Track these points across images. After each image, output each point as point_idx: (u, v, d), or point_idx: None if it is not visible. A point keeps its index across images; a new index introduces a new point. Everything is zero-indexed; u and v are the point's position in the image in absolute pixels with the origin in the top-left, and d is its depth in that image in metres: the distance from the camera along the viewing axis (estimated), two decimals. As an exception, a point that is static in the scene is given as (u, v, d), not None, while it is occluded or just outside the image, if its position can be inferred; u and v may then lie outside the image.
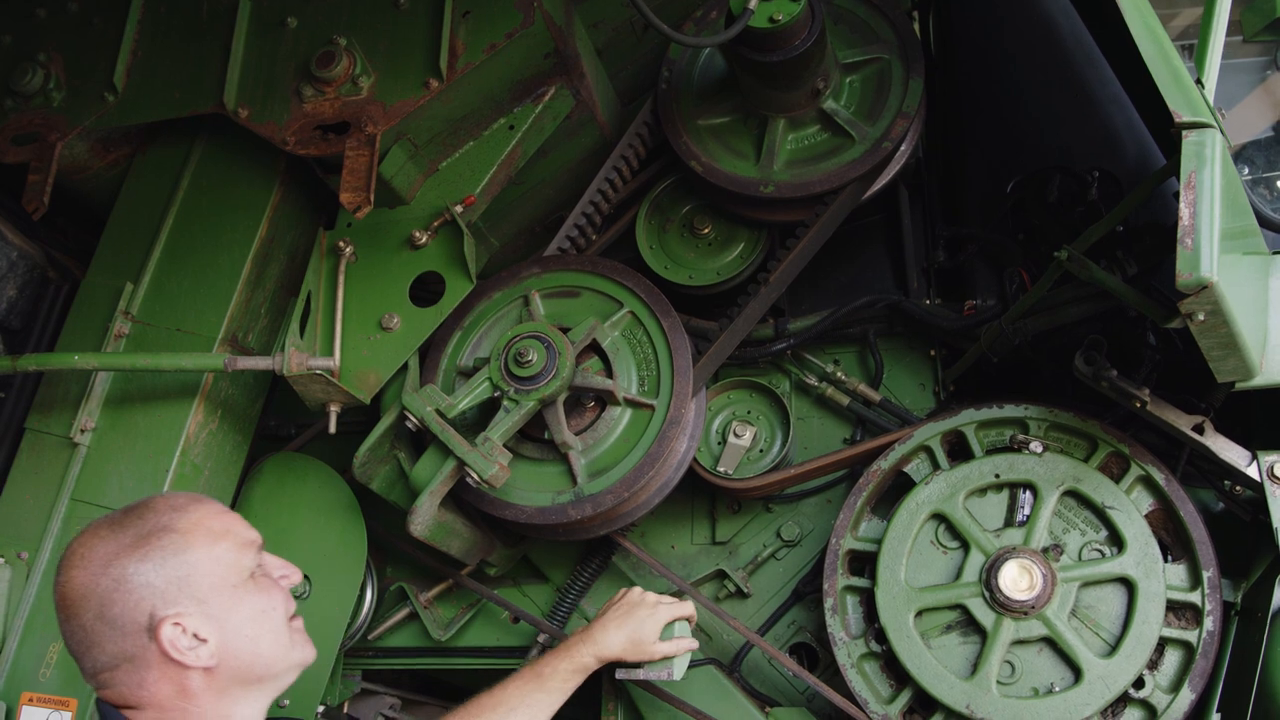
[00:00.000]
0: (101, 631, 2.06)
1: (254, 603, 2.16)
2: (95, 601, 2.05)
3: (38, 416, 3.50)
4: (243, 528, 2.24)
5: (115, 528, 2.12)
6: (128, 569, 2.06)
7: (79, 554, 2.10)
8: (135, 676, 2.09)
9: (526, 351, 3.01)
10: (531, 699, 2.89)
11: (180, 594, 2.07)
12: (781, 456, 3.42)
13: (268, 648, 2.17)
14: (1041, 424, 3.23)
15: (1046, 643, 3.04)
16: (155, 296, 3.48)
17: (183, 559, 2.09)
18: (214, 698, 2.13)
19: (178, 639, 2.06)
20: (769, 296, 3.35)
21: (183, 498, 2.22)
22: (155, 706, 2.10)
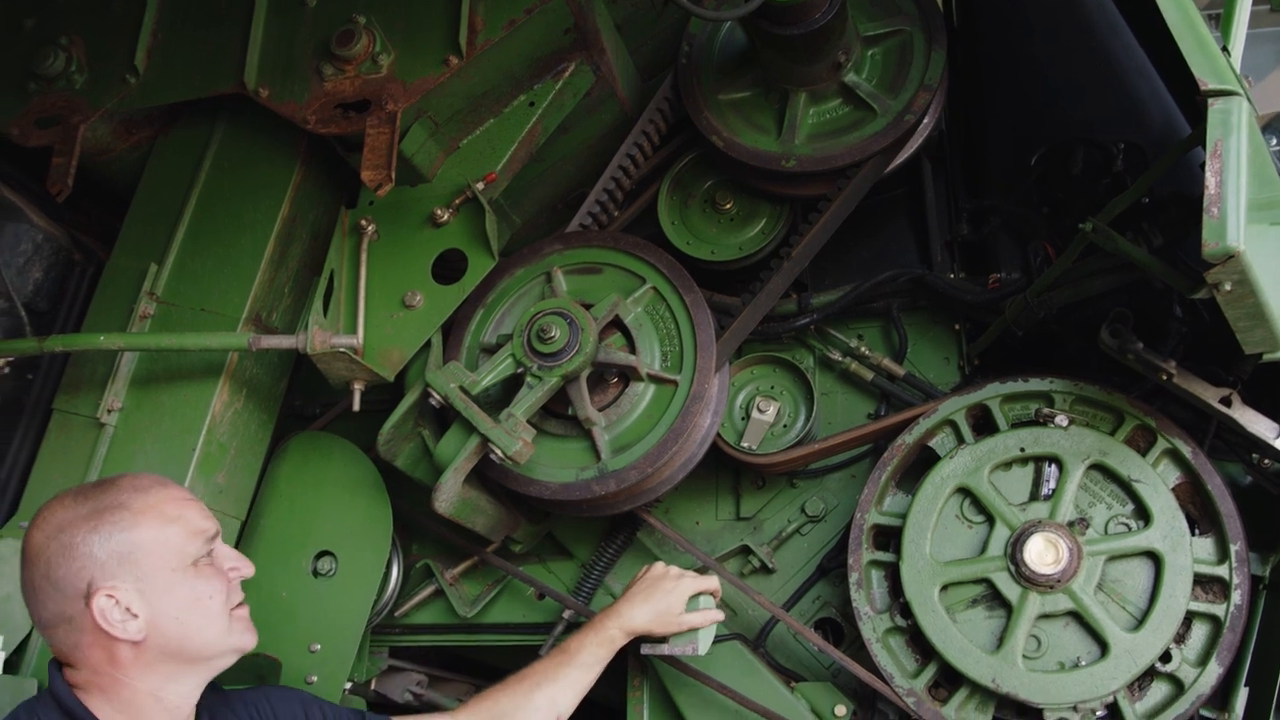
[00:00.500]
0: (46, 590, 2.23)
1: (192, 587, 2.30)
2: (44, 562, 2.23)
3: (65, 397, 3.52)
4: (198, 517, 2.37)
5: (79, 498, 2.30)
6: (76, 538, 2.22)
7: (42, 516, 2.29)
8: (71, 638, 2.24)
9: (549, 328, 3.01)
10: (559, 674, 2.95)
11: (119, 569, 2.23)
12: (805, 432, 3.42)
13: (197, 631, 2.31)
14: (1067, 397, 3.21)
15: (1073, 617, 3.03)
16: (179, 277, 3.49)
17: (128, 536, 2.25)
18: (141, 671, 2.27)
19: (109, 610, 2.21)
20: (792, 271, 3.34)
21: (148, 479, 2.38)
22: (89, 668, 2.26)
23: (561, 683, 2.95)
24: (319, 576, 3.51)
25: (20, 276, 3.70)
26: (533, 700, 2.92)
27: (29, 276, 3.73)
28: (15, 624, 3.19)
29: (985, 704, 3.08)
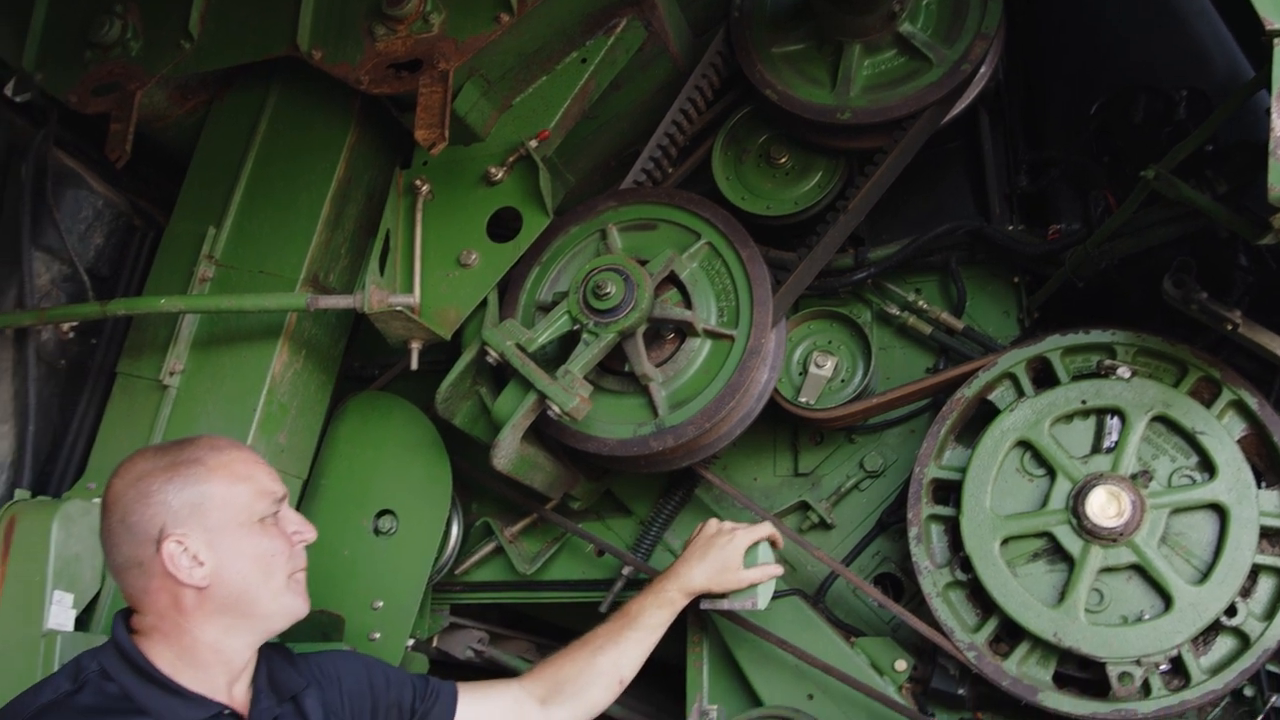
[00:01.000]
0: (121, 534, 2.35)
1: (256, 544, 2.41)
2: (121, 508, 2.35)
3: (128, 361, 3.58)
4: (268, 479, 2.48)
5: (159, 452, 2.44)
6: (152, 486, 2.34)
7: (124, 466, 2.42)
8: (140, 582, 2.35)
9: (605, 284, 3.00)
10: (621, 638, 3.01)
11: (190, 518, 2.33)
12: (863, 386, 3.40)
13: (257, 587, 2.40)
14: (1129, 349, 3.17)
15: (1136, 570, 3.00)
16: (237, 239, 3.53)
17: (201, 489, 2.36)
18: (203, 619, 2.36)
19: (178, 555, 2.32)
20: (848, 224, 3.31)
21: (224, 441, 2.51)
22: (154, 614, 2.36)
23: (624, 646, 3.01)
24: (380, 535, 3.55)
25: (82, 242, 3.75)
26: (596, 665, 2.97)
27: (90, 242, 3.78)
28: (85, 583, 3.25)
29: (1047, 658, 3.07)
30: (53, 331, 3.66)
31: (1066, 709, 2.99)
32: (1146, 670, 2.95)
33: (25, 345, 3.58)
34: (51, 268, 3.67)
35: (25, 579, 3.19)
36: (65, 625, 3.18)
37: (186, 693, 2.32)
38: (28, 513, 3.27)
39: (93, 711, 2.22)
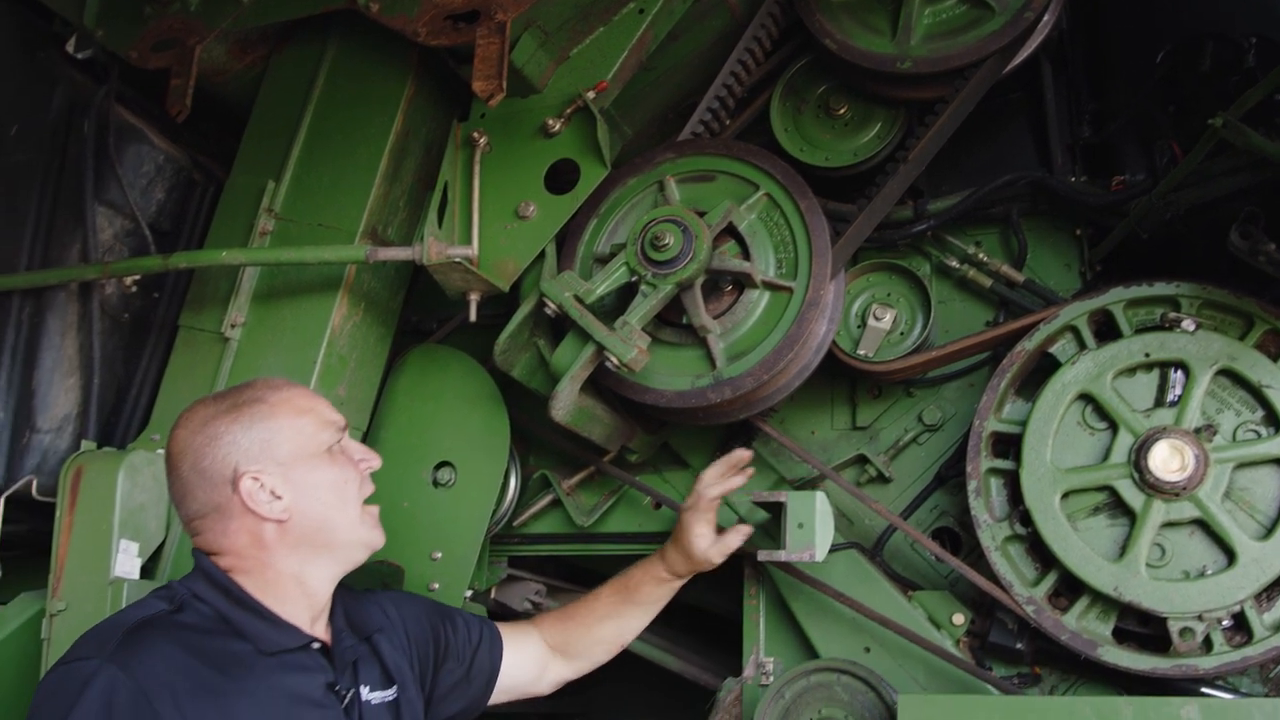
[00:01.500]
0: (194, 481, 2.40)
1: (328, 473, 2.47)
2: (191, 455, 2.40)
3: (190, 314, 3.62)
4: (327, 410, 2.55)
5: (218, 398, 2.50)
6: (220, 428, 2.40)
7: (185, 417, 2.48)
8: (220, 525, 2.40)
9: (663, 235, 3.00)
10: (621, 611, 3.22)
11: (262, 454, 2.39)
12: (922, 339, 3.37)
13: (336, 515, 2.47)
14: (1194, 301, 3.13)
15: (1198, 525, 2.98)
16: (296, 193, 3.55)
17: (267, 425, 2.42)
18: (286, 552, 2.42)
19: (255, 492, 2.38)
20: (908, 175, 3.28)
21: (280, 380, 2.56)
22: (235, 554, 2.41)
23: (625, 619, 3.22)
24: (439, 486, 3.58)
25: (144, 197, 3.78)
26: (599, 632, 3.20)
27: (152, 197, 3.81)
28: (149, 532, 3.30)
29: (1107, 613, 3.05)
30: (116, 285, 3.70)
31: (1126, 664, 2.97)
32: (1208, 626, 2.93)
33: (89, 299, 3.62)
34: (114, 223, 3.71)
35: (92, 528, 3.25)
36: (131, 573, 3.24)
37: (279, 620, 2.38)
38: (94, 463, 3.32)
39: (194, 630, 2.27)
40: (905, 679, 3.27)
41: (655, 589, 3.20)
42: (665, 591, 3.22)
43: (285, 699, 2.31)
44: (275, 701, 2.29)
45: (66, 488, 3.29)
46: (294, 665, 2.37)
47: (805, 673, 3.22)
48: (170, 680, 2.13)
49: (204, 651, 2.24)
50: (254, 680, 2.27)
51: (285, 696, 2.31)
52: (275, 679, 2.31)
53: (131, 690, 2.07)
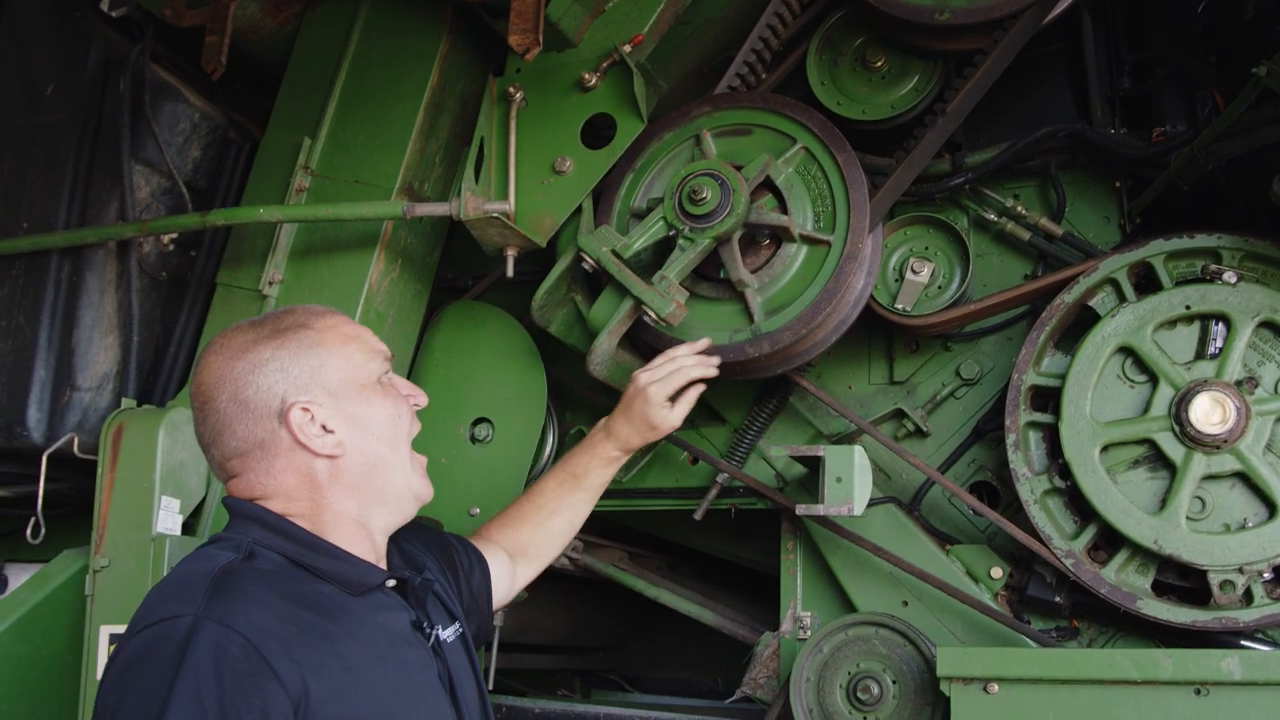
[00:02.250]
0: (235, 414, 2.15)
1: (381, 405, 2.26)
2: (231, 384, 2.15)
3: (227, 272, 3.64)
4: (372, 338, 2.33)
5: (255, 324, 2.25)
6: (264, 354, 2.17)
7: (218, 343, 2.22)
8: (265, 463, 2.17)
9: (700, 189, 2.98)
10: (571, 499, 3.05)
11: (312, 383, 2.17)
12: (960, 293, 3.35)
13: (389, 451, 2.26)
14: (1236, 253, 3.10)
15: (1239, 478, 2.96)
16: (332, 150, 3.55)
17: (315, 352, 2.20)
18: (341, 492, 2.21)
19: (306, 425, 2.15)
20: (946, 128, 3.25)
21: (320, 307, 2.34)
22: (284, 496, 2.18)
23: (575, 508, 3.07)
24: (476, 443, 3.59)
25: (180, 155, 3.79)
26: (551, 528, 3.04)
27: (188, 155, 3.82)
28: (190, 489, 3.34)
29: (1146, 566, 3.04)
30: (154, 244, 3.72)
31: (1166, 617, 2.97)
32: (1249, 578, 2.92)
33: (128, 258, 3.64)
34: (151, 181, 3.72)
35: (133, 485, 3.28)
36: (173, 530, 3.27)
37: (353, 559, 2.19)
38: (134, 420, 3.35)
39: (275, 576, 2.07)
40: (943, 633, 3.28)
41: (604, 470, 3.06)
42: (610, 474, 3.08)
43: (386, 638, 2.14)
44: (379, 641, 2.11)
45: (108, 445, 3.32)
46: (381, 604, 2.20)
47: (843, 626, 3.23)
48: (276, 630, 1.92)
49: (299, 596, 2.05)
50: (353, 621, 2.09)
51: (385, 636, 2.15)
52: (372, 618, 2.14)
53: (241, 645, 1.86)
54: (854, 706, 3.17)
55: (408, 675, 2.14)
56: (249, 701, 1.83)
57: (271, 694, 1.85)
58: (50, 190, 3.66)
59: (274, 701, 1.85)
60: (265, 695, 1.85)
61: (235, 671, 1.84)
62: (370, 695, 2.02)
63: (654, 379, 3.00)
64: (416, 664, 2.18)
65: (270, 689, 1.86)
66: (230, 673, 1.83)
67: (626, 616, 5.30)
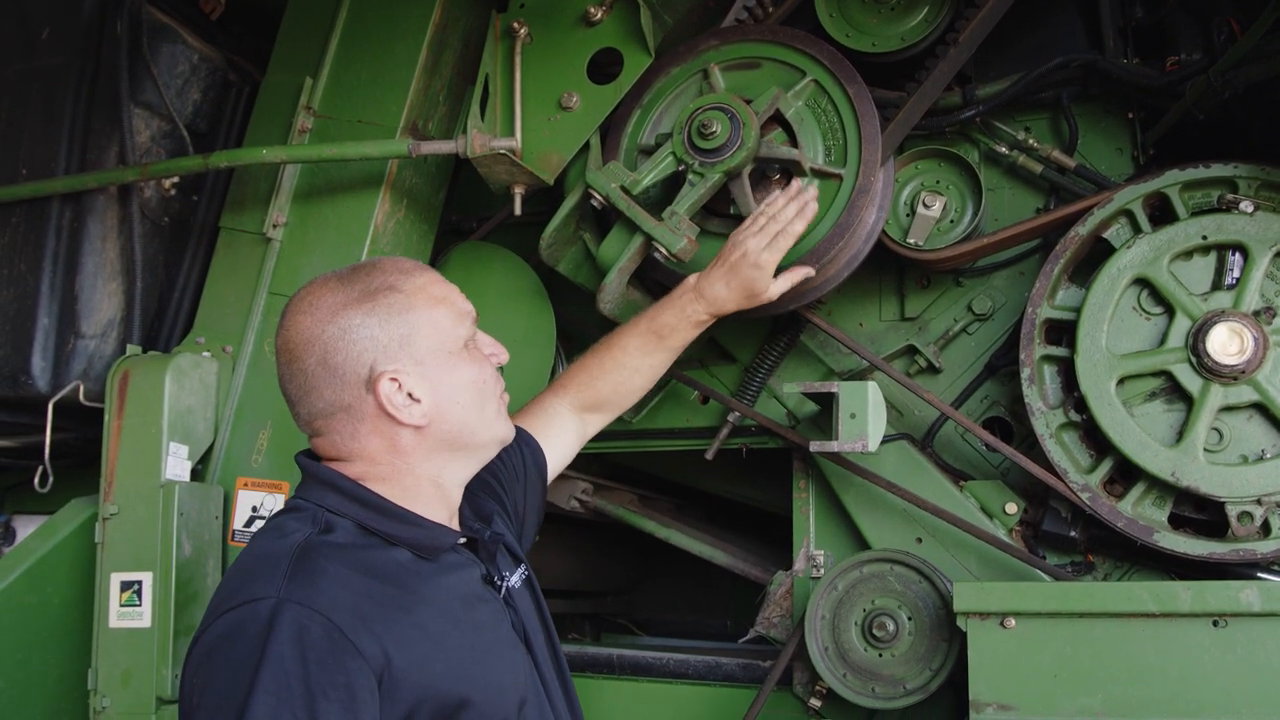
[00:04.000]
0: (322, 377, 2.14)
1: (468, 371, 2.23)
2: (320, 347, 2.13)
3: (231, 215, 3.61)
4: (460, 299, 2.29)
5: (344, 281, 2.20)
6: (354, 320, 2.14)
7: (307, 300, 2.18)
8: (349, 427, 2.17)
9: (710, 123, 2.94)
10: (652, 359, 3.02)
11: (401, 352, 2.14)
12: (973, 227, 3.31)
13: (475, 416, 2.24)
14: (1252, 183, 3.05)
15: (1257, 409, 2.94)
16: (335, 89, 3.51)
17: (405, 319, 2.16)
18: (423, 456, 2.21)
19: (394, 395, 2.14)
20: (957, 59, 3.20)
21: (408, 263, 2.28)
22: (366, 459, 2.19)
23: (655, 368, 3.04)
24: (501, 377, 3.57)
25: (180, 98, 3.74)
26: (631, 384, 3.02)
27: (188, 98, 3.77)
28: (198, 435, 3.34)
29: (1163, 499, 3.02)
30: (155, 189, 3.67)
31: (1183, 549, 2.95)
32: (1267, 509, 2.90)
33: (129, 203, 3.61)
34: (151, 124, 3.67)
35: (141, 432, 3.28)
36: (182, 476, 3.28)
37: (425, 523, 2.19)
38: (140, 367, 3.34)
39: (351, 549, 2.08)
40: (958, 569, 3.27)
41: (690, 333, 2.99)
42: (694, 336, 3.02)
43: (458, 601, 2.16)
44: (452, 604, 2.14)
45: (114, 392, 3.31)
46: (453, 565, 2.21)
47: (858, 564, 3.22)
48: (356, 606, 1.95)
49: (374, 568, 2.06)
50: (427, 587, 2.11)
51: (457, 598, 2.16)
52: (444, 582, 2.16)
53: (322, 625, 1.88)
54: (869, 644, 3.16)
55: (483, 635, 2.16)
56: (334, 679, 1.85)
57: (354, 669, 1.88)
58: (49, 136, 3.61)
59: (358, 676, 1.88)
60: (349, 671, 1.87)
61: (319, 651, 1.86)
62: (450, 660, 2.04)
63: (763, 244, 2.92)
64: (490, 621, 2.21)
65: (353, 665, 1.88)
66: (314, 653, 1.86)
67: (635, 561, 5.32)
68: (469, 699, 2.03)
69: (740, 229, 2.97)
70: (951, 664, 3.06)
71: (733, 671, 3.57)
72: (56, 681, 3.40)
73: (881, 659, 3.16)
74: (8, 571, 3.35)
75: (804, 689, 3.37)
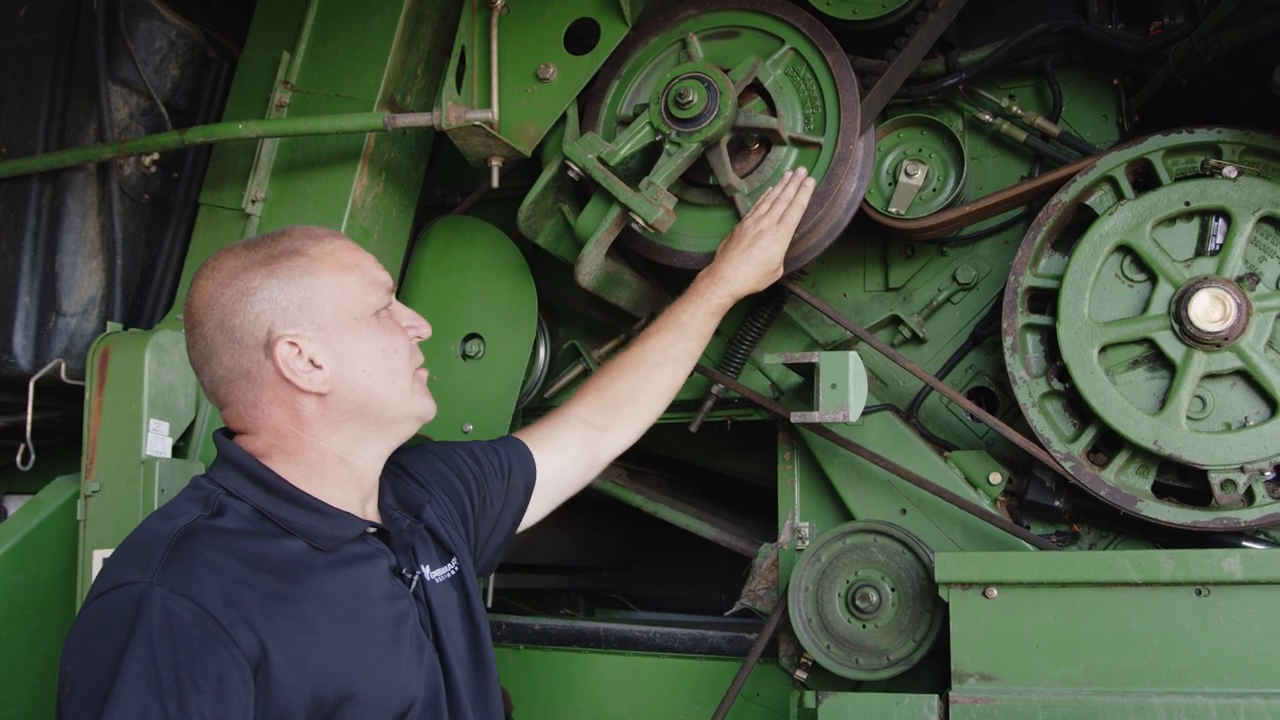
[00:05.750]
0: (221, 342, 2.08)
1: (375, 340, 2.16)
2: (218, 311, 2.08)
3: (210, 191, 3.59)
4: (374, 267, 2.22)
5: (249, 247, 2.15)
6: (253, 283, 2.08)
7: (210, 265, 2.14)
8: (250, 395, 2.11)
9: (687, 92, 2.91)
10: (676, 350, 2.96)
11: (301, 315, 2.09)
12: (955, 195, 3.29)
13: (383, 387, 2.16)
14: (1236, 148, 3.02)
15: (1240, 376, 2.91)
16: (312, 64, 3.48)
17: (308, 281, 2.11)
18: (329, 429, 2.14)
19: (292, 359, 2.08)
20: (937, 25, 3.17)
21: (320, 230, 2.22)
22: (270, 431, 2.12)
23: (680, 360, 2.97)
24: (468, 359, 3.56)
25: (158, 74, 3.72)
26: (654, 381, 2.94)
27: (166, 74, 3.75)
28: (179, 411, 3.32)
29: (1146, 467, 3.00)
30: (135, 166, 3.65)
31: (1167, 518, 2.94)
32: (1250, 477, 2.88)
33: (108, 180, 3.59)
34: (129, 101, 3.65)
35: (121, 409, 3.26)
36: (163, 452, 3.26)
37: (329, 510, 2.11)
38: (121, 344, 3.32)
39: (239, 534, 2.00)
40: (942, 540, 3.26)
41: (711, 319, 2.97)
42: (716, 323, 3.00)
43: (354, 596, 2.06)
44: (345, 599, 2.04)
45: (94, 369, 3.30)
46: (354, 557, 2.12)
47: (841, 535, 3.21)
48: (232, 595, 1.87)
49: (258, 557, 1.98)
50: (318, 580, 2.03)
51: (354, 593, 2.07)
52: (339, 574, 2.07)
53: (193, 612, 1.82)
54: (853, 615, 3.16)
55: (376, 631, 2.08)
56: (205, 669, 1.80)
57: (226, 659, 1.82)
58: (27, 114, 3.61)
59: (230, 667, 1.82)
60: (220, 662, 1.82)
61: (190, 639, 1.80)
62: (333, 655, 1.98)
63: (775, 218, 2.96)
64: (389, 618, 2.12)
65: (225, 655, 1.82)
66: (185, 641, 1.80)
67: (629, 536, 5.32)
68: (351, 695, 1.97)
69: (748, 215, 3.00)
70: (935, 635, 3.05)
71: (719, 644, 3.56)
72: (43, 659, 3.40)
73: (865, 630, 3.15)
74: (-8, 550, 3.35)
75: (789, 661, 3.36)
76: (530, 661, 3.77)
